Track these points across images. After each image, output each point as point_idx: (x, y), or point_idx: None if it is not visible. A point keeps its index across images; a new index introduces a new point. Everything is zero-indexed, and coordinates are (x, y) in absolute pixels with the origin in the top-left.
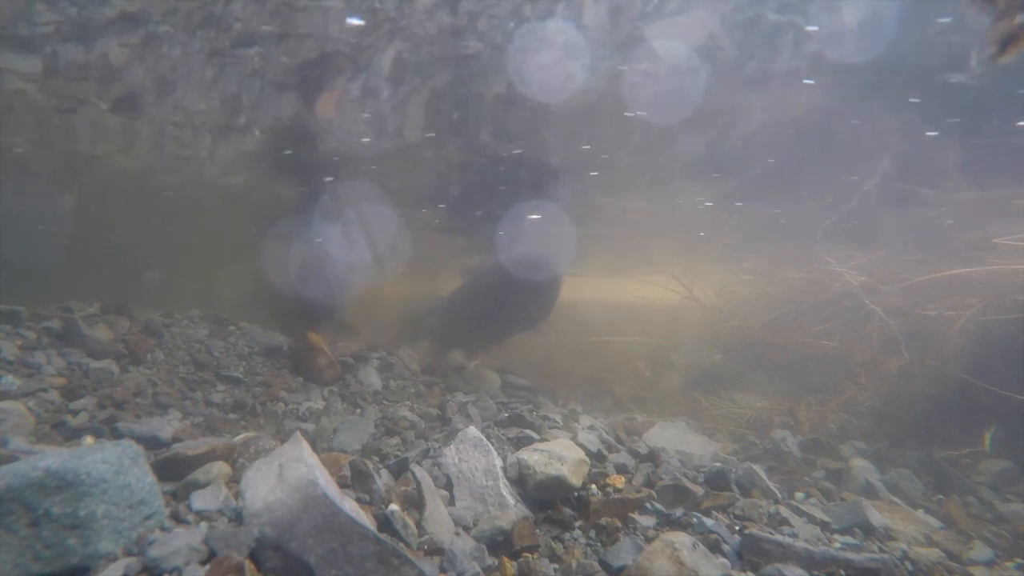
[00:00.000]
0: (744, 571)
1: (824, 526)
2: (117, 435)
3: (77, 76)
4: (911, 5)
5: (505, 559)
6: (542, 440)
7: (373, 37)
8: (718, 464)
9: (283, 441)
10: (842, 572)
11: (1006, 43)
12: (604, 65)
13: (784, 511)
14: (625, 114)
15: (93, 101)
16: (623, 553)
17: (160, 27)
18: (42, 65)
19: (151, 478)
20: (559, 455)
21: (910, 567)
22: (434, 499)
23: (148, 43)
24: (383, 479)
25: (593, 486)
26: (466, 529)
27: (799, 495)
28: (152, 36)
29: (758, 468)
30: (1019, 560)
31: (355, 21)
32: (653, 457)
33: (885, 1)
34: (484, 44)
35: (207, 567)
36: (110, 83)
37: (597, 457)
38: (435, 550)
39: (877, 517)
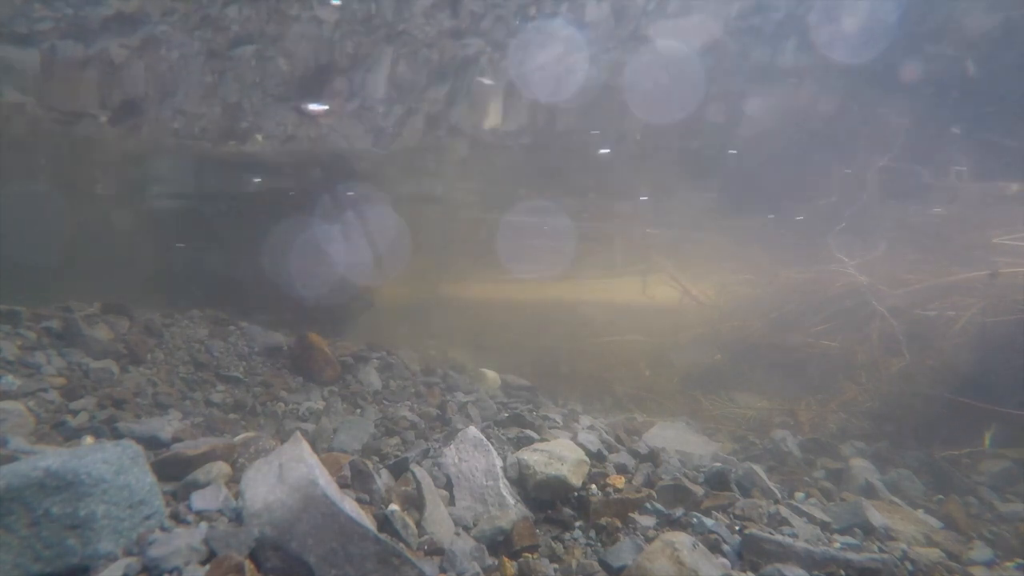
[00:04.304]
0: (744, 571)
1: (824, 526)
2: (117, 435)
3: (76, 75)
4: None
5: (505, 559)
6: (542, 440)
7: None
8: (718, 464)
9: (283, 441)
10: (842, 572)
11: None
12: (606, 57)
13: (784, 511)
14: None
15: (93, 113)
16: (623, 553)
17: (158, 27)
18: (40, 60)
19: (151, 478)
20: (559, 455)
21: (910, 567)
22: (434, 499)
23: (147, 44)
24: (383, 479)
25: (593, 486)
26: (466, 529)
27: (799, 495)
28: (151, 38)
29: (758, 468)
30: (1019, 560)
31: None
32: (653, 457)
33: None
34: (486, 42)
35: (207, 567)
36: (110, 88)
37: (597, 457)
38: (435, 550)
39: (877, 517)
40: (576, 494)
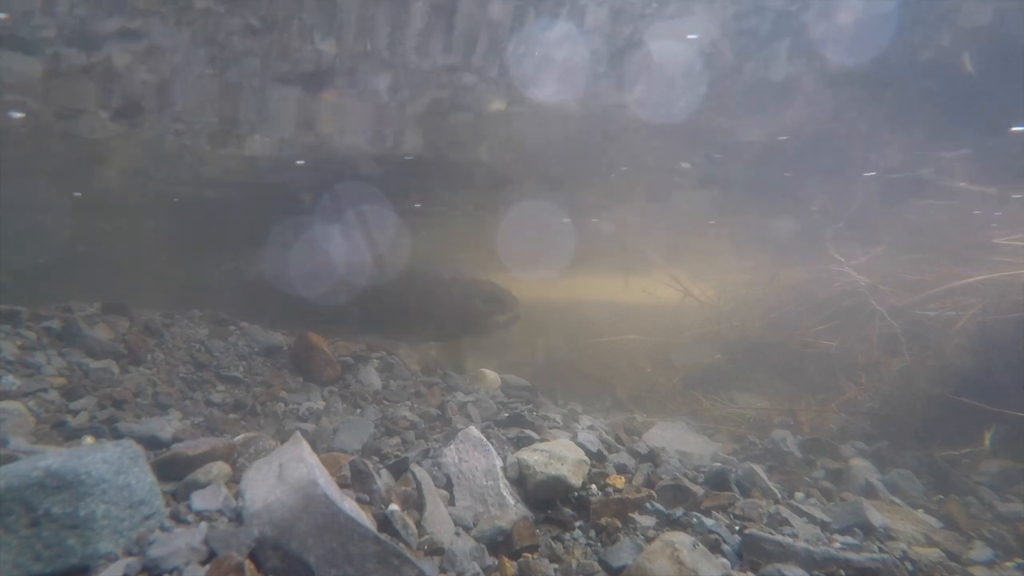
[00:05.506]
0: (744, 571)
1: (824, 526)
2: (117, 435)
3: (78, 79)
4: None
5: (505, 559)
6: (542, 440)
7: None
8: (718, 464)
9: (283, 441)
10: (842, 572)
11: None
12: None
13: (784, 511)
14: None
15: (93, 110)
16: (623, 553)
17: (164, 40)
18: (42, 69)
19: (151, 478)
20: (559, 455)
21: (910, 567)
22: (434, 499)
23: (150, 53)
24: (383, 479)
25: (593, 486)
26: (466, 529)
27: (799, 495)
28: (154, 48)
29: (758, 468)
30: (1019, 560)
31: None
32: (653, 457)
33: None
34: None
35: (207, 567)
36: (111, 86)
37: (597, 457)
38: (435, 550)
39: (877, 517)
40: (576, 494)
